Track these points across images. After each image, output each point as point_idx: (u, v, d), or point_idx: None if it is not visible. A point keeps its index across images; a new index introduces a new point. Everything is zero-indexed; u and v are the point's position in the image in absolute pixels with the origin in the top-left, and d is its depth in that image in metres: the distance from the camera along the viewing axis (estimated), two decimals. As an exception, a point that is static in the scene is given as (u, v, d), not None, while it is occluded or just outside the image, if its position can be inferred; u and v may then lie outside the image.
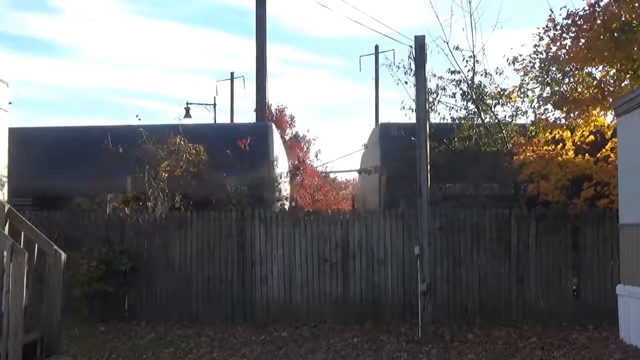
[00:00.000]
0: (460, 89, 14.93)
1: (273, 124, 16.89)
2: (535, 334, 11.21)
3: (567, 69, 13.49)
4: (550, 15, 13.29)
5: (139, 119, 14.84)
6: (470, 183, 13.67)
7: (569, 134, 13.49)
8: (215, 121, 26.39)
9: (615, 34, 12.24)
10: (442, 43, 15.25)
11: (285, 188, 15.55)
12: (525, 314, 12.41)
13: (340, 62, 61.36)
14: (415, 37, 11.23)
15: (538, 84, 14.06)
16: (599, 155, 13.09)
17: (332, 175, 28.89)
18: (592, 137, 13.42)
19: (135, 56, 55.63)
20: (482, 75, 15.02)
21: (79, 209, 13.19)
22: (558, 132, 13.64)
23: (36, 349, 8.94)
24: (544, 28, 13.37)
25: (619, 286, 10.91)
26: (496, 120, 14.89)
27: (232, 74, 25.12)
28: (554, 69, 13.67)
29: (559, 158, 13.12)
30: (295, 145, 27.84)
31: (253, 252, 12.95)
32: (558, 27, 13.17)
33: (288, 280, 12.91)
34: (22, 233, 9.31)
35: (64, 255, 9.43)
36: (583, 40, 12.68)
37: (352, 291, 12.80)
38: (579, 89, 13.52)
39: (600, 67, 13.38)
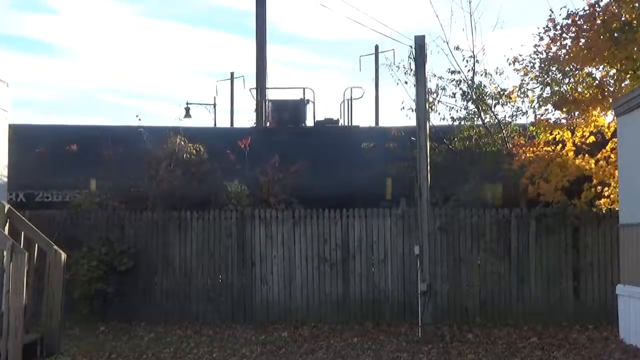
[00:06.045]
0: (460, 89, 14.88)
1: None
2: (535, 334, 11.21)
3: (567, 69, 13.46)
4: (550, 15, 13.27)
5: (139, 119, 14.87)
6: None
7: (569, 134, 13.48)
8: (215, 122, 26.35)
9: (615, 34, 12.23)
10: (442, 43, 15.17)
11: None
12: (525, 314, 12.40)
13: (340, 63, 61.28)
14: (415, 37, 11.24)
15: (538, 84, 14.03)
16: (599, 155, 13.09)
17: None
18: (592, 137, 13.41)
19: (135, 56, 55.59)
20: (482, 75, 14.97)
21: (79, 208, 13.18)
22: (558, 133, 13.64)
23: (36, 348, 8.94)
24: (544, 28, 13.36)
25: (619, 286, 10.91)
26: (496, 121, 14.87)
27: (232, 74, 25.10)
28: (554, 69, 13.64)
29: (559, 159, 13.10)
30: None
31: (253, 252, 12.95)
32: (558, 27, 13.16)
33: (288, 281, 12.90)
34: (22, 233, 9.31)
35: (64, 255, 9.44)
36: (583, 40, 12.67)
37: (352, 291, 12.79)
38: (579, 89, 13.50)
39: (601, 67, 13.36)
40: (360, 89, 19.22)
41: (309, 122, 17.40)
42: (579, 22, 12.78)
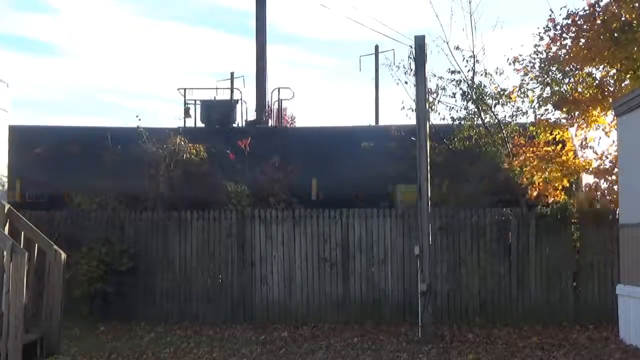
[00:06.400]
0: (460, 89, 14.88)
1: None
2: (535, 334, 11.21)
3: (567, 69, 13.48)
4: (550, 15, 13.30)
5: (139, 119, 14.87)
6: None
7: (569, 134, 13.49)
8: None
9: (616, 34, 12.24)
10: (442, 43, 15.14)
11: None
12: (525, 314, 12.39)
13: (340, 63, 61.34)
14: (415, 37, 11.24)
15: (538, 84, 14.04)
16: (599, 155, 13.09)
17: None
18: (592, 137, 13.43)
19: (135, 56, 55.64)
20: (482, 75, 14.96)
21: (79, 208, 13.19)
22: (558, 133, 13.64)
23: (36, 348, 8.95)
24: (544, 28, 13.39)
25: (619, 286, 10.91)
26: (496, 120, 14.86)
27: (232, 74, 24.99)
28: (554, 69, 13.65)
29: (559, 159, 13.11)
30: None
31: (253, 252, 12.95)
32: (558, 27, 13.19)
33: (288, 280, 12.90)
34: (22, 233, 9.31)
35: (64, 255, 9.44)
36: (583, 40, 12.68)
37: (352, 291, 12.79)
38: (579, 89, 13.52)
39: (601, 67, 13.37)
40: (288, 89, 19.15)
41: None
42: (579, 22, 12.80)
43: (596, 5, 12.75)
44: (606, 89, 13.16)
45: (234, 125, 16.99)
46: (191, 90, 17.91)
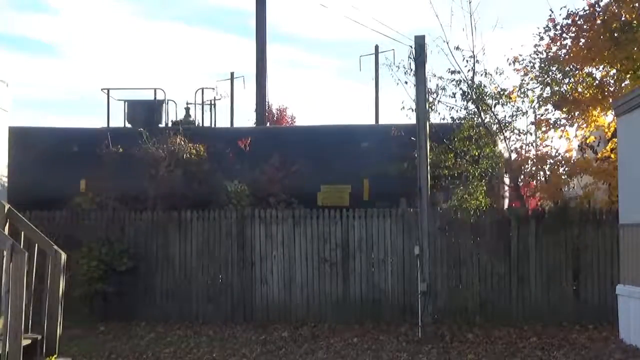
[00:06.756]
0: (460, 89, 14.84)
1: None
2: (535, 334, 11.21)
3: (567, 69, 13.49)
4: (550, 15, 13.33)
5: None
6: None
7: (569, 134, 13.51)
8: (215, 122, 26.32)
9: (616, 34, 12.27)
10: (442, 43, 15.06)
11: None
12: (525, 314, 12.39)
13: (340, 63, 61.40)
14: (415, 37, 11.24)
15: (538, 84, 14.05)
16: (599, 155, 13.10)
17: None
18: (592, 137, 13.43)
19: (136, 57, 55.73)
20: (482, 75, 14.90)
21: (79, 208, 13.19)
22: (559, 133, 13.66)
23: (36, 349, 8.93)
24: (544, 28, 13.42)
25: (619, 286, 10.91)
26: (496, 120, 14.85)
27: (232, 74, 25.02)
28: (554, 69, 13.67)
29: (559, 158, 13.12)
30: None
31: (253, 252, 12.95)
32: (558, 27, 13.22)
33: (288, 280, 12.90)
34: (22, 233, 9.30)
35: (64, 255, 9.43)
36: (583, 40, 12.71)
37: (352, 291, 12.79)
38: (579, 89, 13.53)
39: (601, 67, 13.40)
40: (212, 89, 18.73)
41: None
42: (579, 22, 12.83)
43: (596, 5, 12.78)
44: (606, 89, 13.18)
45: (161, 125, 16.53)
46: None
